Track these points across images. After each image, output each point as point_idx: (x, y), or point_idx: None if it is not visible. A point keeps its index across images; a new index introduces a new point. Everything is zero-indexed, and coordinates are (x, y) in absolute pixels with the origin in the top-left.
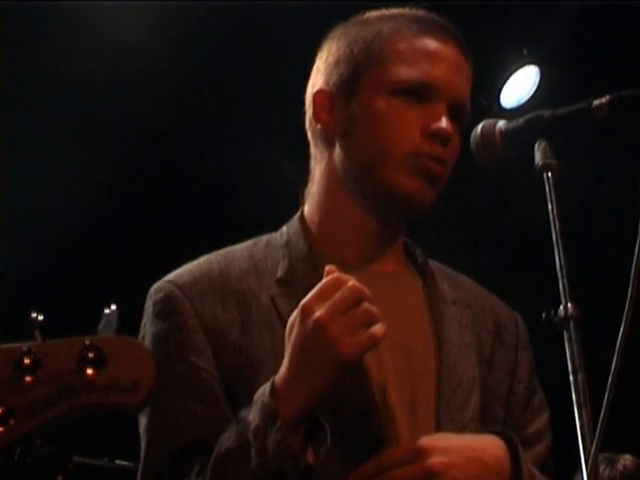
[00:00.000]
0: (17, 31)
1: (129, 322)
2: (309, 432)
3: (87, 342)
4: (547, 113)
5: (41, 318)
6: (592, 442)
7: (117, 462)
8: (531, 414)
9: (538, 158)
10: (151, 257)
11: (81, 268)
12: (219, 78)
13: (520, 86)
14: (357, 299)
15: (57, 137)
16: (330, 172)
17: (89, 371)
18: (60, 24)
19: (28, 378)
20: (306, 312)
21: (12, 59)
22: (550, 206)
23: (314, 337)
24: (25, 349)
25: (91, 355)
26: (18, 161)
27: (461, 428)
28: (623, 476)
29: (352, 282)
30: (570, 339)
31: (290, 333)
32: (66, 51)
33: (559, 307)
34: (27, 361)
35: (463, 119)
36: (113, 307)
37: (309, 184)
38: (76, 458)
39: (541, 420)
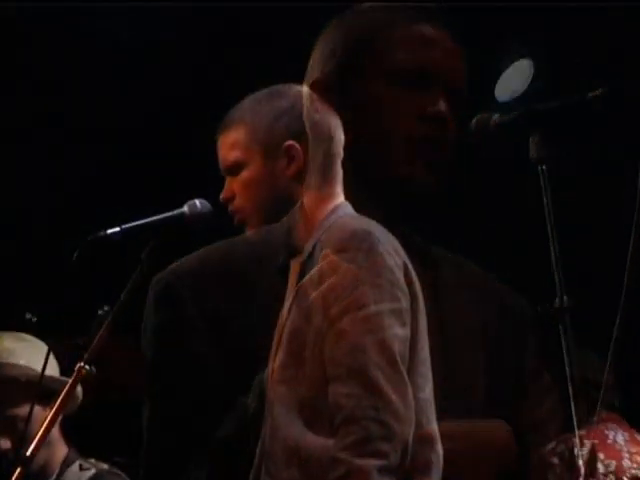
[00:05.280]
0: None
1: (123, 322)
2: None
3: (80, 342)
4: (541, 106)
5: (35, 320)
6: None
7: (115, 459)
8: (541, 394)
9: (533, 151)
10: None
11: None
12: (215, 80)
13: (514, 80)
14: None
15: (52, 138)
16: None
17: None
18: (57, 26)
19: None
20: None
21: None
22: (545, 199)
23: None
24: None
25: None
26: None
27: (466, 414)
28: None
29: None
30: (566, 331)
31: None
32: (63, 53)
33: (555, 300)
34: None
35: (460, 105)
36: (106, 308)
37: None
38: None
39: (551, 399)
